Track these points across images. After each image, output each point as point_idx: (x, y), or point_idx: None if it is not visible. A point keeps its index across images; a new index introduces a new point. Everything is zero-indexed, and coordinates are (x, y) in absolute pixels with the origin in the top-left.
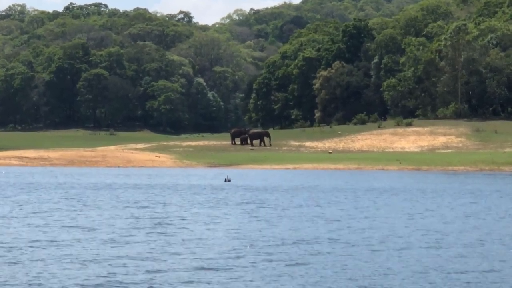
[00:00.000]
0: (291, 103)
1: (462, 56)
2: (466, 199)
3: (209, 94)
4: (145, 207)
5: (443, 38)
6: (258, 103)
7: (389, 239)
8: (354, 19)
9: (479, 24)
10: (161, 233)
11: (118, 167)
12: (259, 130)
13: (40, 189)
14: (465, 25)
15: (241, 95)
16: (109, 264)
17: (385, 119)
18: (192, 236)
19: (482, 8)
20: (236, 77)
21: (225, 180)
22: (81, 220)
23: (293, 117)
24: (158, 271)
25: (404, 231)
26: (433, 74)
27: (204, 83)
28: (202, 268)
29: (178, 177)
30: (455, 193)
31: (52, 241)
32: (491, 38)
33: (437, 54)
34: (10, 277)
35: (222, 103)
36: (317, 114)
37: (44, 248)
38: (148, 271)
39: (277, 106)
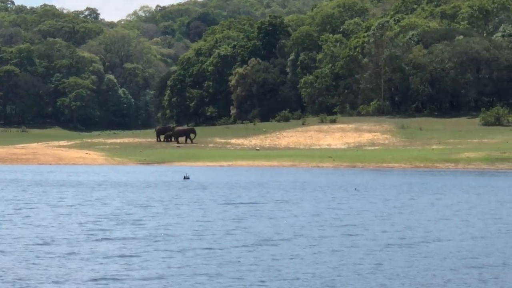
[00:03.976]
0: (207, 100)
1: (385, 53)
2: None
3: (120, 91)
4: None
5: (366, 35)
6: (173, 100)
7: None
8: (270, 15)
9: (398, 21)
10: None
11: (50, 164)
12: (184, 127)
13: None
14: (388, 21)
15: (151, 92)
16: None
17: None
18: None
19: (400, 5)
20: (147, 74)
21: (184, 178)
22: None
23: (208, 114)
24: None
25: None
26: (356, 71)
27: (115, 80)
28: None
29: (135, 175)
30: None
31: None
32: (413, 35)
33: (359, 51)
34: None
35: (132, 100)
36: (233, 111)
37: None
38: None
39: (192, 103)
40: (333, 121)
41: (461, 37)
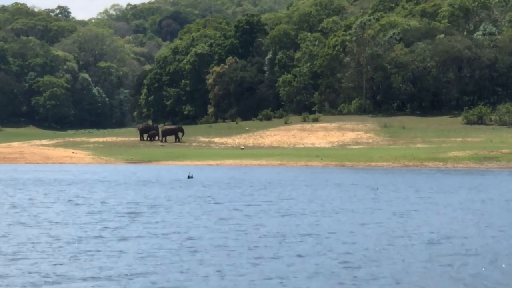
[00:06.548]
0: (184, 99)
1: (366, 51)
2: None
3: (94, 90)
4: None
5: (347, 33)
6: (150, 98)
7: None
8: (247, 14)
9: (378, 19)
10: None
11: (38, 163)
12: (172, 126)
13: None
14: (370, 20)
15: (126, 91)
16: None
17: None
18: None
19: (377, 4)
20: (121, 72)
21: (188, 177)
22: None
23: (185, 112)
24: None
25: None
26: (337, 69)
27: (89, 79)
28: None
29: (132, 175)
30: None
31: None
32: (394, 33)
33: (339, 49)
34: None
35: (107, 99)
36: (210, 110)
37: None
38: None
39: (169, 101)
40: (316, 120)
41: (442, 35)
